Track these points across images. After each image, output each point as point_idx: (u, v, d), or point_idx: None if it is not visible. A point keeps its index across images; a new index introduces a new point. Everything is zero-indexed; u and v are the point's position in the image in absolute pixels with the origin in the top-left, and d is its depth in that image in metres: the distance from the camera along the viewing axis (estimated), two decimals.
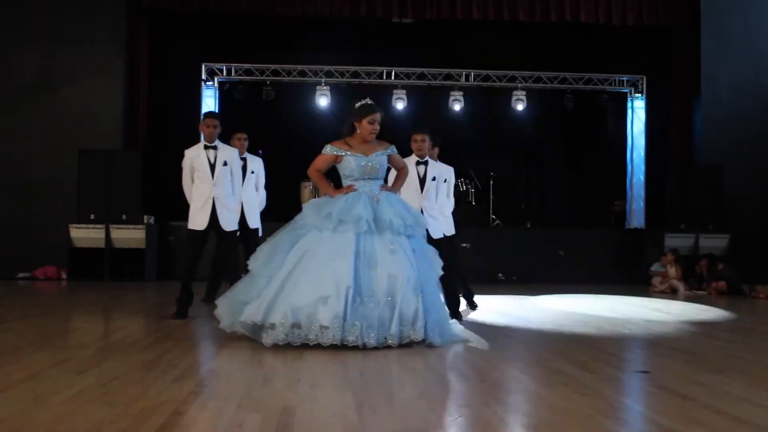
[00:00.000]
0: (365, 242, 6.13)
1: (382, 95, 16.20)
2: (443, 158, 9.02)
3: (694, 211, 14.71)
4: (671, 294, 13.03)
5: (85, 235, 13.74)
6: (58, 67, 14.52)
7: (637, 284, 14.19)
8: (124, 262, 13.81)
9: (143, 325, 7.77)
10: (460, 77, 16.70)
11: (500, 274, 14.35)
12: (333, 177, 6.86)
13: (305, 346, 5.79)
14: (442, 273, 6.54)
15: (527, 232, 15.70)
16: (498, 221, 15.80)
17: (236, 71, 16.43)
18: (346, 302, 5.81)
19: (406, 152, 7.62)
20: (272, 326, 5.86)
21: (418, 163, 8.30)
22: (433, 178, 8.42)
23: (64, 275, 13.75)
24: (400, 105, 16.42)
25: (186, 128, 16.00)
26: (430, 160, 8.48)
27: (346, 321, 5.77)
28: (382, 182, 6.59)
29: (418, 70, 16.63)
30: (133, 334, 6.83)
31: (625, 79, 16.87)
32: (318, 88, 16.41)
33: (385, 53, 16.70)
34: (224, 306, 6.31)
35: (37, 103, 14.45)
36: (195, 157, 8.07)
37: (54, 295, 11.40)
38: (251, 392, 4.24)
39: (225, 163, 8.06)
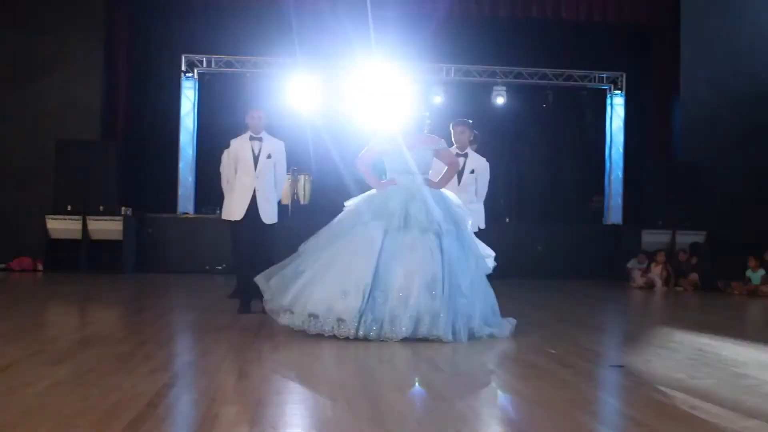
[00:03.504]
0: (390, 239, 6.16)
1: (362, 88, 16.16)
2: None
3: (671, 207, 14.80)
4: (648, 289, 13.12)
5: (62, 226, 13.64)
6: (35, 56, 14.39)
7: (614, 279, 14.27)
8: (101, 253, 13.75)
9: (120, 317, 7.74)
10: (440, 72, 16.70)
11: None
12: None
13: (280, 339, 5.78)
14: (487, 270, 6.55)
15: (506, 227, 15.73)
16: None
17: (216, 63, 16.34)
18: (364, 299, 5.87)
19: None
20: (292, 311, 5.99)
21: (457, 155, 8.29)
22: (472, 171, 8.43)
23: (40, 267, 13.65)
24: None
25: (165, 120, 15.96)
26: (470, 152, 8.48)
27: (362, 316, 5.84)
28: (425, 177, 6.57)
29: (400, 64, 16.58)
30: (109, 326, 6.80)
31: (604, 75, 16.92)
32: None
33: (366, 47, 16.63)
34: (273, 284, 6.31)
35: (14, 92, 14.32)
36: (239, 148, 7.96)
37: (30, 287, 11.32)
38: (226, 385, 4.23)
39: (269, 156, 7.95)
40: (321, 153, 14.96)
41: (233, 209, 7.94)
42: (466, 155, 8.45)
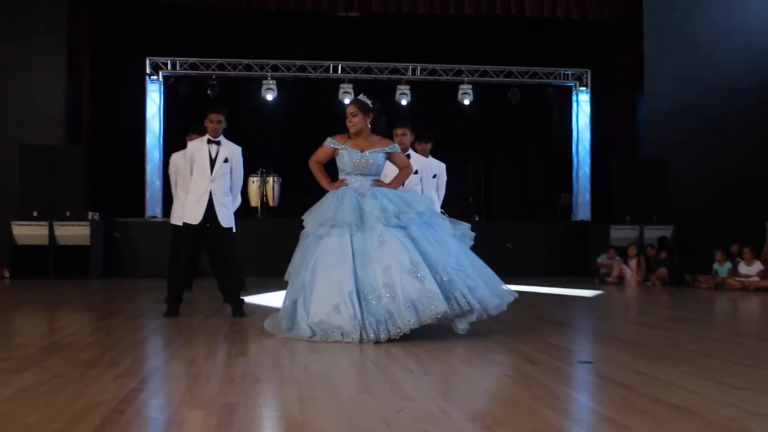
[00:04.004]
0: (358, 241, 6.18)
1: (328, 89, 16.18)
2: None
3: (638, 202, 14.94)
4: (619, 284, 13.23)
5: (27, 232, 13.52)
6: None
7: (584, 276, 14.37)
8: (68, 259, 13.62)
9: (87, 323, 7.67)
10: (406, 71, 16.73)
11: None
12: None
13: (248, 342, 5.77)
14: (470, 241, 6.72)
15: (475, 225, 15.71)
16: (446, 215, 15.81)
17: (181, 65, 16.27)
18: (354, 305, 5.89)
19: None
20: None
21: None
22: (415, 171, 8.44)
23: (6, 273, 13.51)
24: (347, 99, 16.37)
25: (131, 123, 15.85)
26: (412, 153, 8.49)
27: (363, 321, 5.86)
28: (375, 178, 6.59)
29: (365, 64, 16.62)
30: (75, 333, 6.73)
31: (570, 72, 17.03)
32: (264, 82, 16.31)
33: (332, 47, 16.65)
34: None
35: None
36: (196, 150, 7.89)
37: None
38: (193, 389, 4.20)
39: (226, 160, 7.88)
40: (288, 154, 14.97)
41: (191, 213, 7.83)
42: (408, 156, 8.47)
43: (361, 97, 6.76)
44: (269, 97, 16.33)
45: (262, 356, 5.34)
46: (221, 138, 7.95)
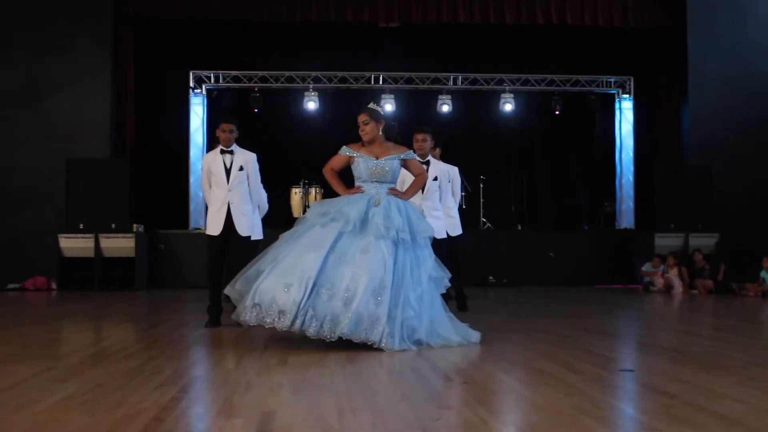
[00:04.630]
0: (345, 240, 6.20)
1: (370, 100, 16.13)
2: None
3: (683, 210, 14.76)
4: (666, 292, 13.07)
5: (74, 244, 13.71)
6: (44, 76, 14.52)
7: (628, 284, 14.22)
8: (113, 271, 13.78)
9: (130, 333, 7.76)
10: (447, 81, 16.72)
11: (491, 277, 14.34)
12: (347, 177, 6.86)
13: (288, 351, 5.78)
14: (443, 288, 6.56)
15: (517, 234, 15.70)
16: (488, 224, 15.79)
17: (224, 78, 16.42)
18: (306, 292, 5.94)
19: None
20: (245, 306, 6.08)
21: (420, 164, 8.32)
22: (435, 178, 8.45)
23: (54, 285, 13.72)
24: (388, 109, 16.41)
25: (174, 136, 16.03)
26: (432, 160, 8.50)
27: (301, 310, 5.90)
28: (391, 186, 6.60)
29: (406, 74, 16.65)
30: (119, 343, 6.81)
31: (612, 80, 16.90)
32: (306, 93, 16.40)
33: (373, 58, 16.71)
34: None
35: (23, 112, 14.44)
36: (212, 162, 7.98)
37: (43, 306, 11.38)
38: (232, 398, 4.22)
39: (241, 168, 7.94)
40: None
41: (212, 225, 7.95)
42: (428, 163, 8.48)
43: (371, 105, 6.83)
44: (311, 108, 16.41)
45: (301, 365, 5.35)
46: (234, 147, 8.00)
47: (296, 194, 15.56)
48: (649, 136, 16.45)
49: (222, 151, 7.94)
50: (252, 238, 8.01)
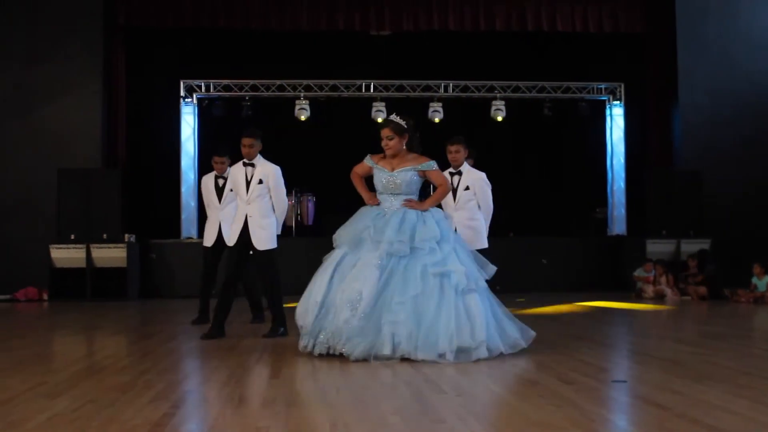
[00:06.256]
0: (345, 260, 6.28)
1: (361, 108, 16.21)
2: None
3: (675, 216, 14.77)
4: (659, 300, 13.08)
5: (65, 255, 13.66)
6: (35, 85, 14.45)
7: (620, 291, 14.23)
8: (105, 281, 13.72)
9: (122, 346, 7.74)
10: (438, 88, 16.71)
11: None
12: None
13: (281, 364, 5.78)
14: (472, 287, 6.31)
15: (509, 241, 15.69)
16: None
17: (215, 87, 16.39)
18: (313, 313, 6.17)
19: None
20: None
21: (452, 174, 8.30)
22: (467, 188, 8.40)
23: (45, 296, 13.66)
24: (379, 118, 16.39)
25: (166, 145, 15.98)
26: (464, 169, 8.43)
27: (317, 332, 6.11)
28: (407, 198, 6.53)
29: (397, 82, 16.64)
30: (110, 356, 6.79)
31: (603, 86, 16.92)
32: (297, 102, 16.36)
33: (364, 66, 16.70)
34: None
35: (13, 122, 14.38)
36: (236, 174, 7.99)
37: (35, 317, 11.33)
38: (225, 413, 4.21)
39: (260, 181, 7.93)
40: (322, 173, 15.06)
41: (226, 234, 8.05)
42: (460, 173, 8.43)
43: (394, 117, 6.62)
44: (302, 116, 16.38)
45: (294, 378, 5.34)
46: (258, 159, 7.99)
47: (288, 202, 15.54)
48: (640, 142, 16.47)
49: (245, 164, 7.97)
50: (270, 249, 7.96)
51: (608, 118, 16.99)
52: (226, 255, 8.30)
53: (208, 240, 9.21)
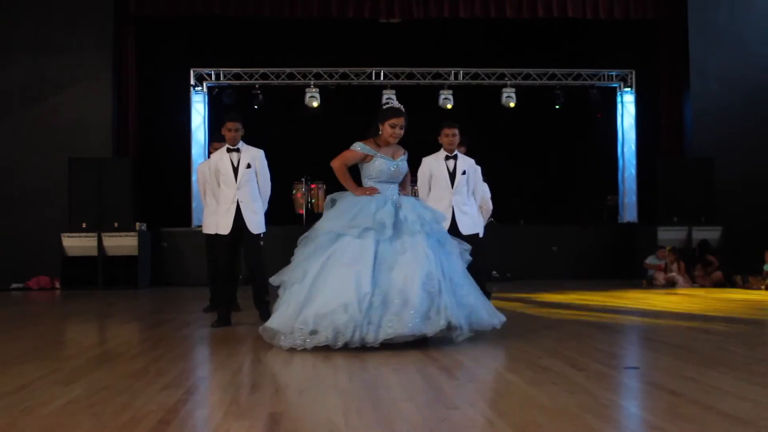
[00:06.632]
0: (383, 246, 6.11)
1: (371, 96, 16.20)
2: None
3: (686, 203, 14.75)
4: (670, 287, 13.05)
5: (77, 243, 13.73)
6: (46, 75, 14.52)
7: (631, 278, 14.21)
8: (117, 269, 13.81)
9: (135, 333, 7.77)
10: (449, 76, 16.70)
11: (494, 272, 14.35)
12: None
13: (294, 351, 5.79)
14: (468, 261, 6.52)
15: (520, 228, 15.69)
16: (491, 219, 15.75)
17: (225, 76, 16.42)
18: (363, 307, 5.78)
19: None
20: (291, 331, 5.89)
21: (447, 158, 8.33)
22: (463, 172, 8.43)
23: (57, 284, 13.73)
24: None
25: (176, 134, 16.03)
26: (459, 155, 8.49)
27: (357, 325, 5.75)
28: (396, 185, 6.57)
29: (407, 69, 16.63)
30: (123, 343, 6.82)
31: (614, 73, 16.88)
32: (307, 90, 16.39)
33: (374, 54, 16.69)
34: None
35: (25, 112, 14.46)
36: (219, 161, 7.98)
37: (47, 305, 11.39)
38: (239, 399, 4.23)
39: (248, 166, 7.93)
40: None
41: (219, 224, 7.93)
42: (455, 157, 8.47)
43: (397, 104, 6.65)
44: (313, 104, 16.40)
45: (307, 365, 5.35)
46: (241, 144, 7.97)
47: (298, 190, 15.57)
48: (652, 129, 16.43)
49: (229, 150, 7.94)
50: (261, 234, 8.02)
51: (619, 105, 16.97)
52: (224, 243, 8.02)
53: (210, 228, 8.67)
